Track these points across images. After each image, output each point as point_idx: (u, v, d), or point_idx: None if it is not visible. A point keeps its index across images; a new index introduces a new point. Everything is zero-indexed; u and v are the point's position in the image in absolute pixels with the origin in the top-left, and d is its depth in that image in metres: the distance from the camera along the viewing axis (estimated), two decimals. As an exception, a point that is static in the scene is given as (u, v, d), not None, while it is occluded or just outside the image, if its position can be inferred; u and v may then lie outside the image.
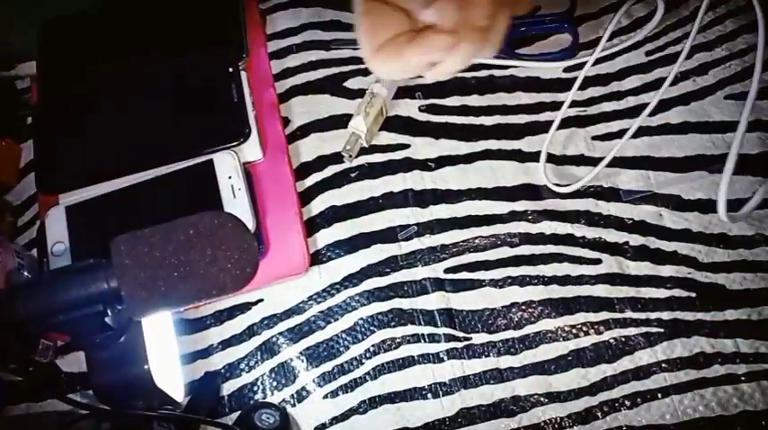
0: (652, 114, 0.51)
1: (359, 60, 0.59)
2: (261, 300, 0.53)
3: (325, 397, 0.50)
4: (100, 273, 0.34)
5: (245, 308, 0.53)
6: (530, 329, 0.50)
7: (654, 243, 0.51)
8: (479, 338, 0.50)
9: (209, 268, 0.34)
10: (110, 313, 0.36)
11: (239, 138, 0.53)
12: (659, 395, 0.47)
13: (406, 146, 0.56)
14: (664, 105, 0.54)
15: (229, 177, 0.51)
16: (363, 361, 0.51)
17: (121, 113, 0.57)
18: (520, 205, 0.53)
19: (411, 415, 0.49)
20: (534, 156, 0.54)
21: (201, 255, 0.33)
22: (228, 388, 0.52)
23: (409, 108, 0.57)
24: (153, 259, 0.33)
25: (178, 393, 0.43)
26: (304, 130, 0.58)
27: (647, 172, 0.53)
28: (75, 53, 0.59)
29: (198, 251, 0.33)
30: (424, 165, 0.55)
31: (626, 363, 0.48)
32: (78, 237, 0.52)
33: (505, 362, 0.49)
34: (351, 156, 0.55)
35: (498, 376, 0.49)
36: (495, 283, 0.51)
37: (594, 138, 0.55)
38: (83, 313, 0.34)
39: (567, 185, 0.52)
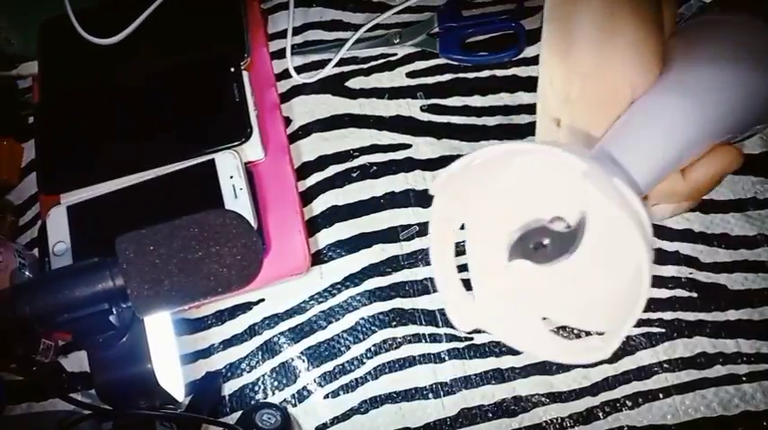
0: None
1: (360, 60, 0.59)
2: (262, 300, 0.53)
3: (326, 397, 0.50)
4: (105, 272, 0.34)
5: (246, 307, 0.53)
6: (531, 329, 0.50)
7: (655, 243, 0.51)
8: (481, 338, 0.50)
9: (214, 266, 0.34)
10: (114, 311, 0.36)
11: (241, 138, 0.53)
12: (660, 395, 0.47)
13: (408, 146, 0.56)
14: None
15: (231, 177, 0.51)
16: (364, 361, 0.51)
17: (123, 113, 0.57)
18: (521, 205, 0.53)
19: (412, 415, 0.49)
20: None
21: (207, 252, 0.33)
22: (230, 387, 0.52)
23: (411, 108, 0.57)
24: (158, 257, 0.33)
25: (179, 392, 0.43)
26: (305, 130, 0.58)
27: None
28: (76, 52, 0.59)
29: (203, 249, 0.33)
30: (425, 162, 0.55)
31: (627, 363, 0.48)
32: (80, 237, 0.52)
33: (507, 362, 0.49)
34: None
35: (499, 376, 0.49)
36: (497, 283, 0.51)
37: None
38: (88, 312, 0.34)
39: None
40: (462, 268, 0.30)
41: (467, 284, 0.30)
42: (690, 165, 0.30)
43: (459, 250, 0.30)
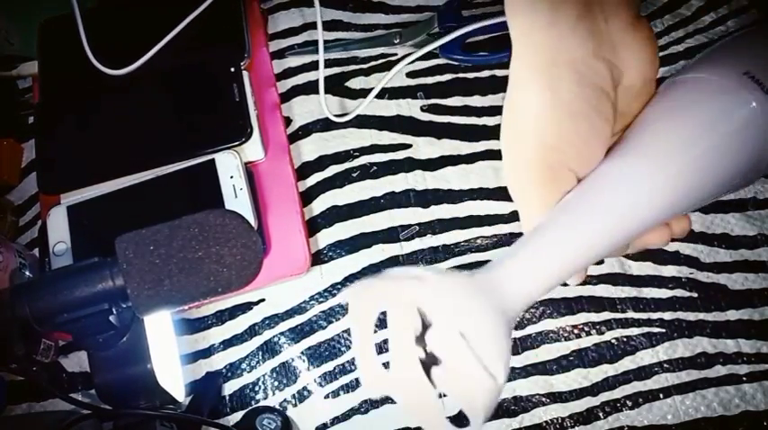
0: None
1: (359, 60, 0.59)
2: (262, 300, 0.53)
3: (327, 397, 0.50)
4: (105, 272, 0.34)
5: (246, 307, 0.53)
6: (531, 329, 0.50)
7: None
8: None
9: (214, 266, 0.34)
10: (114, 311, 0.36)
11: (241, 138, 0.53)
12: (661, 395, 0.47)
13: (408, 146, 0.56)
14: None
15: (231, 177, 0.51)
16: (365, 361, 0.51)
17: (123, 113, 0.57)
18: (521, 205, 0.53)
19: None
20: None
21: (207, 252, 0.33)
22: (230, 388, 0.52)
23: (411, 108, 0.57)
24: (158, 257, 0.33)
25: (179, 392, 0.43)
26: (305, 130, 0.58)
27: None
28: (76, 52, 0.59)
29: (203, 249, 0.33)
30: (425, 162, 0.55)
31: (627, 363, 0.48)
32: (80, 237, 0.52)
33: (507, 362, 0.49)
34: None
35: (500, 376, 0.49)
36: (497, 283, 0.51)
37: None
38: (87, 312, 0.34)
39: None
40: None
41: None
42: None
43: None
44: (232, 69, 0.55)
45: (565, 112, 0.28)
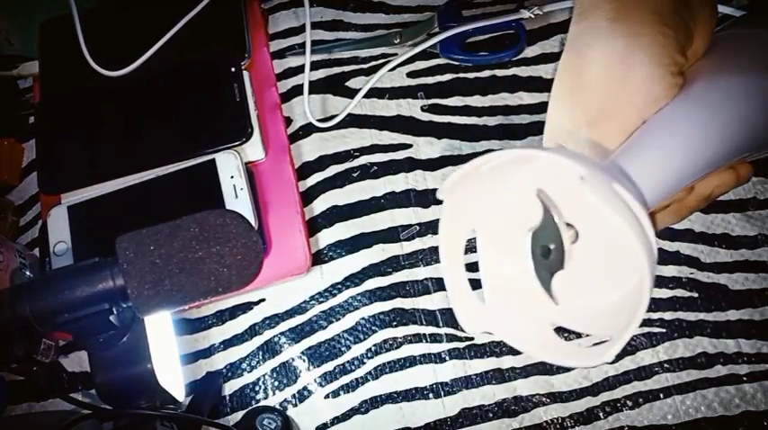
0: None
1: (360, 60, 0.59)
2: (263, 300, 0.53)
3: (327, 397, 0.50)
4: (106, 272, 0.34)
5: (246, 307, 0.53)
6: (532, 329, 0.50)
7: (656, 243, 0.51)
8: (481, 338, 0.50)
9: (215, 266, 0.34)
10: (114, 311, 0.36)
11: (241, 138, 0.53)
12: (661, 395, 0.47)
13: (408, 145, 0.56)
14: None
15: (231, 177, 0.51)
16: (365, 360, 0.51)
17: (124, 113, 0.57)
18: (522, 205, 0.53)
19: (413, 415, 0.49)
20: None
21: (207, 252, 0.33)
22: (230, 387, 0.52)
23: (411, 108, 0.57)
24: (159, 257, 0.33)
25: (179, 392, 0.43)
26: (306, 130, 0.58)
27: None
28: (76, 52, 0.59)
29: (204, 248, 0.33)
30: (425, 162, 0.55)
31: (628, 363, 0.48)
32: (80, 237, 0.52)
33: (507, 361, 0.49)
34: None
35: (500, 376, 0.49)
36: (497, 283, 0.51)
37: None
38: (88, 312, 0.34)
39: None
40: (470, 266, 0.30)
41: (474, 283, 0.30)
42: (700, 178, 0.29)
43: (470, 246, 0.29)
44: (232, 69, 0.55)
45: (642, 60, 0.28)
